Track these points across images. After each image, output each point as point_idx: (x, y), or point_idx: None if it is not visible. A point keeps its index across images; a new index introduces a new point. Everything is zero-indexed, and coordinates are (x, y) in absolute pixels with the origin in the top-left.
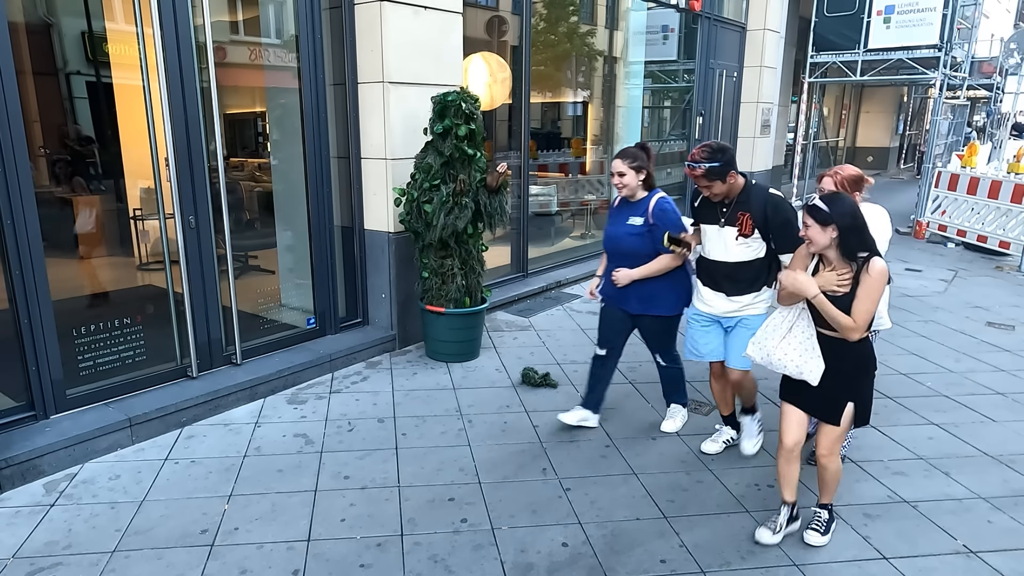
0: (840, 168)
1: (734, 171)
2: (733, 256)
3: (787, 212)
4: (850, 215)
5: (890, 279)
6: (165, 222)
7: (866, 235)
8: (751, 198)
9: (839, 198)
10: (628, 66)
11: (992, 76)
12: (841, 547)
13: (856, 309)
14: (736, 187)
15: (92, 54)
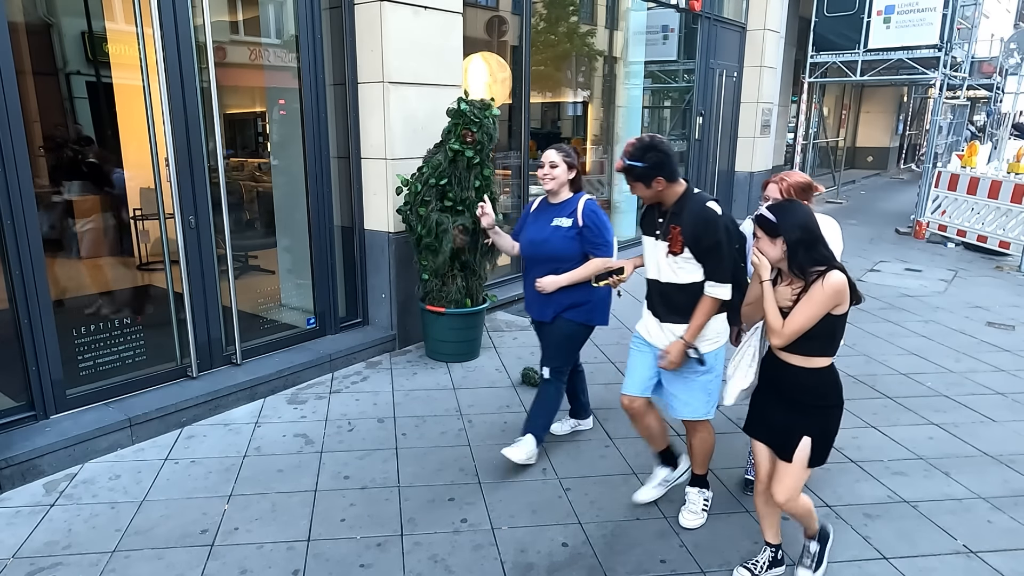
0: (786, 174)
1: (662, 178)
2: (665, 275)
3: (718, 233)
4: (800, 227)
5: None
6: (165, 222)
7: (819, 248)
8: (685, 210)
9: (790, 207)
10: (628, 66)
11: (992, 76)
12: (841, 547)
13: (790, 317)
14: (671, 195)
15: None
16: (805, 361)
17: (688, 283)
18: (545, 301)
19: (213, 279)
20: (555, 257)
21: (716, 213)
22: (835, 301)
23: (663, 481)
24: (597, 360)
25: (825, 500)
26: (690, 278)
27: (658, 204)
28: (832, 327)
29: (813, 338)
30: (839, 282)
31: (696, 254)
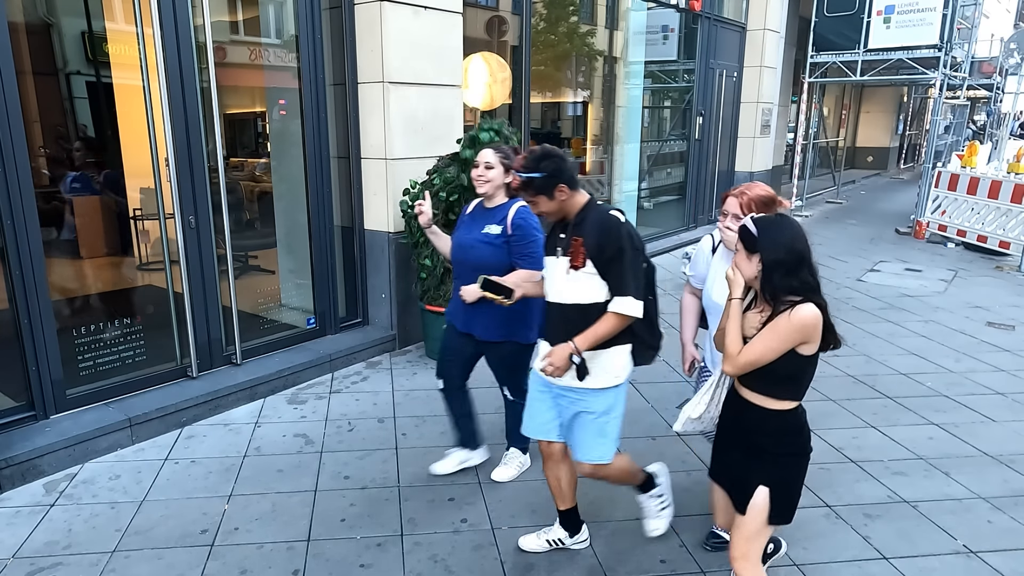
0: (748, 187)
1: (564, 185)
2: (565, 295)
3: (620, 240)
4: (783, 246)
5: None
6: (165, 222)
7: (800, 275)
8: (587, 220)
9: (778, 223)
10: (628, 66)
11: (992, 76)
12: (841, 547)
13: (747, 345)
14: (573, 205)
15: (92, 54)
16: (767, 401)
17: (592, 303)
18: (471, 312)
19: (213, 279)
20: (481, 265)
21: (618, 220)
22: (800, 337)
23: (556, 540)
24: None
25: (825, 500)
26: (594, 297)
27: (562, 221)
28: (796, 367)
29: (775, 376)
30: (809, 317)
31: (600, 266)
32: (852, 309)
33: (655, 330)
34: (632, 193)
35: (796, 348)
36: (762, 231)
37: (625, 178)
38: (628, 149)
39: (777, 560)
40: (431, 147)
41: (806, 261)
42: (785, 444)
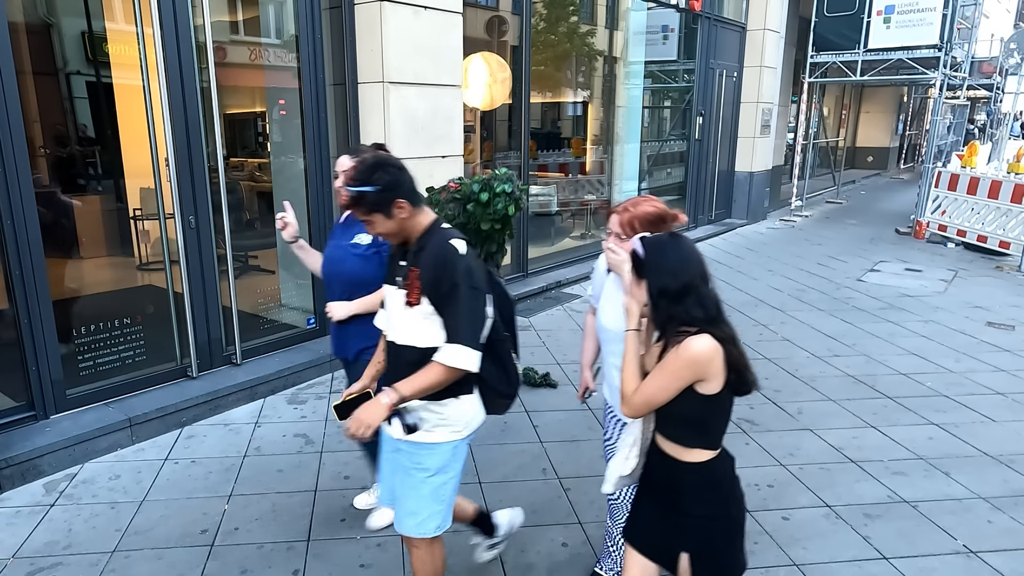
0: (632, 202)
1: (403, 200)
2: (401, 335)
3: (455, 275)
4: (668, 271)
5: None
6: (165, 222)
7: (688, 304)
8: (427, 247)
9: (665, 244)
10: (628, 66)
11: (992, 76)
12: (841, 547)
13: (642, 384)
14: (415, 226)
15: (92, 54)
16: (679, 451)
17: (431, 347)
18: (342, 333)
19: (213, 279)
20: (351, 279)
21: (456, 251)
22: (692, 374)
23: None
24: (597, 360)
25: (825, 500)
26: (433, 340)
27: (404, 245)
28: (699, 410)
29: (679, 420)
30: (699, 352)
31: (436, 304)
32: (852, 309)
33: (510, 376)
34: (632, 193)
35: (695, 387)
36: (649, 253)
37: (625, 178)
38: (628, 149)
39: (777, 560)
40: (431, 147)
41: (694, 288)
42: (701, 503)
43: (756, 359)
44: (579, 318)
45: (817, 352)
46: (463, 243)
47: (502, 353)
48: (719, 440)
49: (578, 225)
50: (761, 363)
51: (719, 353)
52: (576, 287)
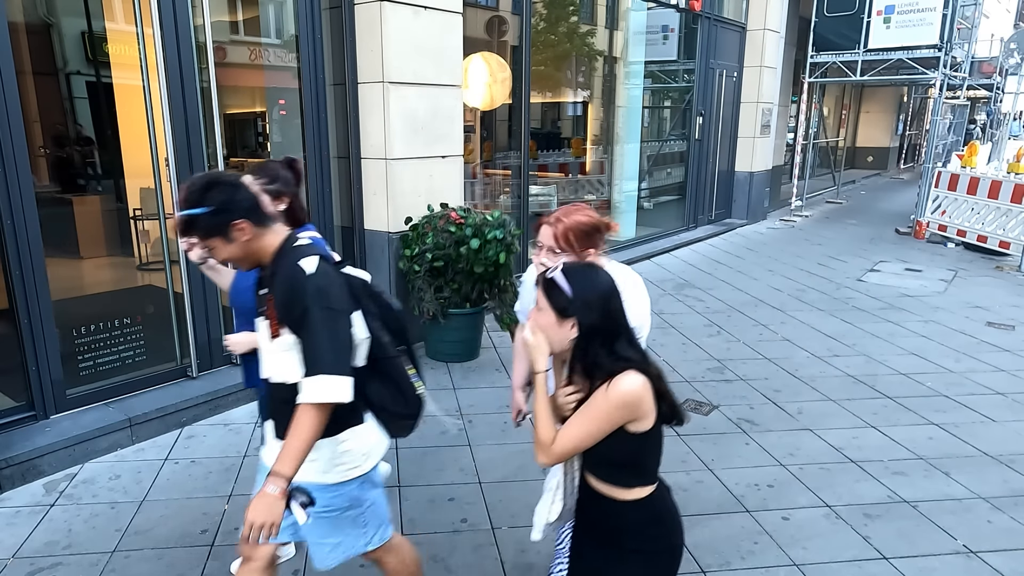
0: (565, 211)
1: (243, 221)
2: (272, 370)
3: (304, 298)
4: (599, 308)
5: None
6: (165, 222)
7: (619, 341)
8: (278, 271)
9: (591, 276)
10: (628, 66)
11: (992, 76)
12: (841, 547)
13: (562, 431)
14: (264, 248)
15: (92, 54)
16: (616, 492)
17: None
18: (250, 365)
19: None
20: (252, 311)
21: (303, 272)
22: (624, 416)
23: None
24: None
25: (825, 500)
26: (298, 376)
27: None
28: (634, 450)
29: (612, 461)
30: (631, 391)
31: (294, 333)
32: (852, 309)
33: (407, 395)
34: (632, 193)
35: (625, 427)
36: (577, 287)
37: (625, 178)
38: (628, 149)
39: (777, 560)
40: (431, 147)
41: (626, 326)
42: (647, 539)
43: (756, 359)
44: None
45: (817, 352)
46: (313, 260)
47: (393, 372)
48: (656, 474)
49: None
50: (761, 363)
51: (649, 389)
52: None
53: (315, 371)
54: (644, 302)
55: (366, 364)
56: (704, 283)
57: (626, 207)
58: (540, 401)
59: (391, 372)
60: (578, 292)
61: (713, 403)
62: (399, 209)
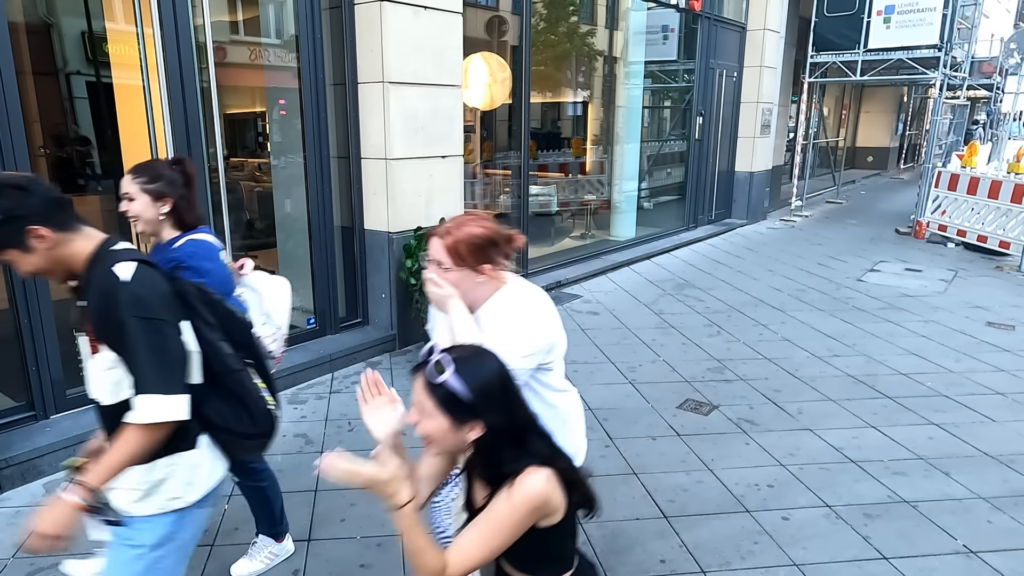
0: (458, 222)
1: (39, 228)
2: (94, 389)
3: (118, 310)
4: (503, 402)
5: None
6: None
7: (527, 435)
8: (91, 279)
9: (484, 362)
10: (628, 66)
11: (992, 76)
12: (841, 547)
13: (457, 548)
14: (74, 256)
15: (92, 54)
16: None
17: (120, 401)
18: None
19: None
20: None
21: (119, 279)
22: (533, 518)
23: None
24: (597, 360)
25: (825, 500)
26: (125, 394)
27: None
28: (549, 544)
29: (525, 557)
30: (537, 494)
31: (113, 349)
32: (852, 309)
33: (254, 412)
34: (632, 193)
35: (536, 524)
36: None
37: (625, 178)
38: (628, 149)
39: (777, 560)
40: (431, 147)
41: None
42: None
43: (756, 359)
44: (579, 318)
45: (817, 352)
46: (130, 265)
47: (237, 387)
48: (572, 558)
49: (578, 225)
50: (761, 363)
51: (556, 483)
52: (576, 287)
53: (142, 390)
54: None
55: (204, 380)
56: (704, 283)
57: (626, 207)
58: (414, 538)
59: (234, 388)
60: (476, 389)
61: (713, 403)
62: (399, 209)
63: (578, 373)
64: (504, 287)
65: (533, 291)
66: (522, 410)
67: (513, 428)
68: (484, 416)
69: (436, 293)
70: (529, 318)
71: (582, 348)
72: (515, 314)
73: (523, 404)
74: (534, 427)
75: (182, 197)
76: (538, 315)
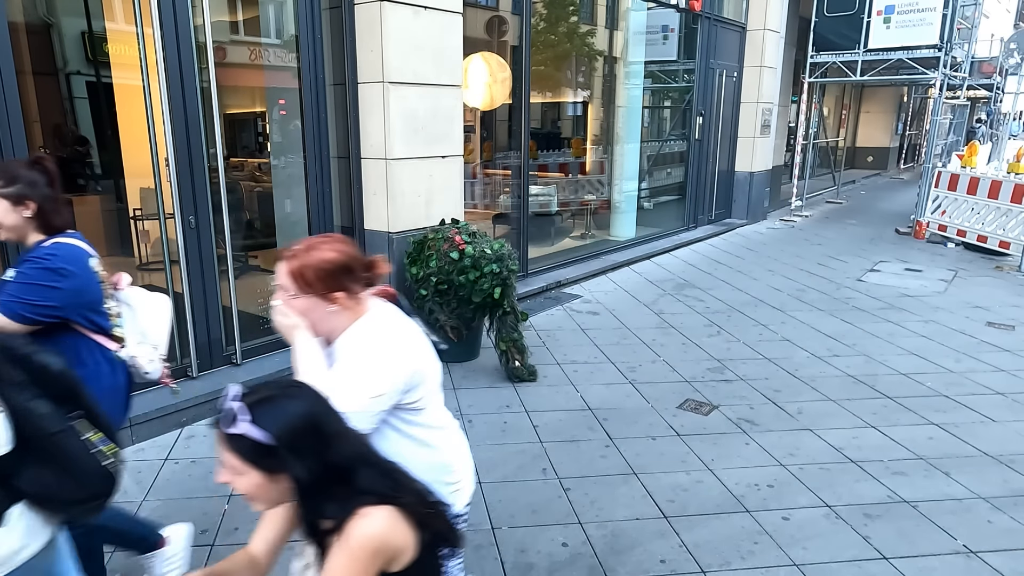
0: (309, 246)
1: None
2: None
3: None
4: (314, 444)
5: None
6: (165, 222)
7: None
8: None
9: (284, 401)
10: (628, 66)
11: (992, 76)
12: (841, 547)
13: None
14: None
15: (92, 54)
16: None
17: None
18: None
19: (213, 279)
20: None
21: None
22: (377, 564)
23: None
24: (597, 360)
25: (825, 500)
26: None
27: None
28: None
29: None
30: (373, 538)
31: None
32: (852, 309)
33: (79, 475)
34: (632, 193)
35: (386, 571)
36: (277, 436)
37: (625, 178)
38: (628, 149)
39: (777, 560)
40: (431, 147)
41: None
42: None
43: (756, 359)
44: (579, 318)
45: (817, 352)
46: None
47: (56, 451)
48: None
49: (578, 225)
50: (761, 363)
51: (396, 521)
52: (576, 287)
53: None
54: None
55: (15, 446)
56: (704, 283)
57: (626, 207)
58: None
59: (53, 451)
60: (279, 434)
61: (713, 403)
62: (399, 209)
63: (578, 373)
64: (363, 318)
65: (395, 323)
66: (347, 446)
67: (334, 469)
68: (295, 462)
69: (281, 323)
70: (382, 355)
71: (582, 348)
72: (367, 350)
73: (348, 440)
74: (368, 462)
75: (46, 198)
76: (394, 351)
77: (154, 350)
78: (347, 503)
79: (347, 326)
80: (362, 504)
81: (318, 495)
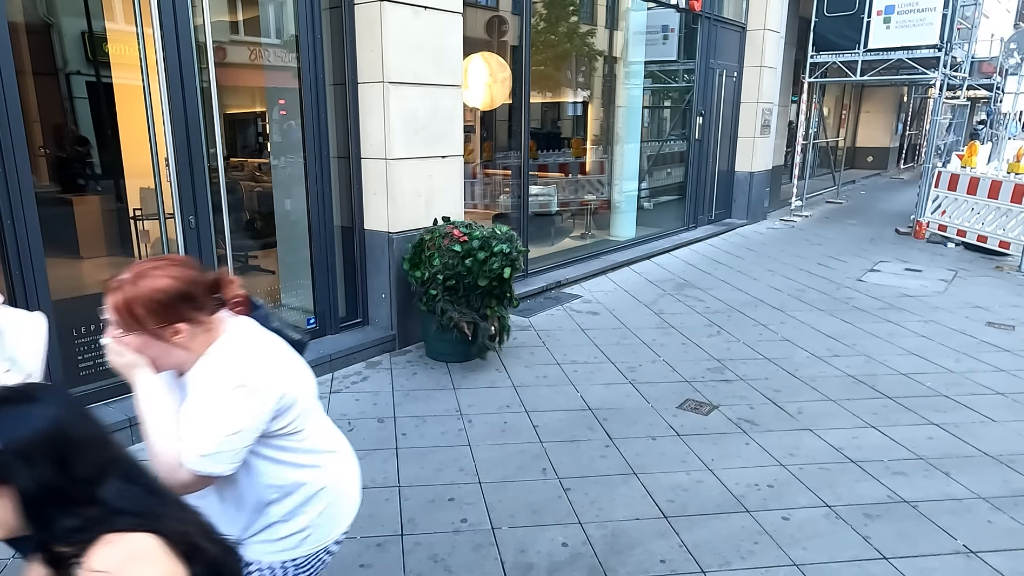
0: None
1: None
2: None
3: None
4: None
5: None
6: (165, 222)
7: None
8: None
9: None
10: (628, 66)
11: (992, 76)
12: (841, 547)
13: None
14: None
15: (92, 54)
16: None
17: None
18: None
19: None
20: None
21: None
22: None
23: None
24: (597, 360)
25: (825, 500)
26: None
27: None
28: None
29: None
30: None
31: None
32: (852, 309)
33: None
34: (632, 193)
35: None
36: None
37: (625, 178)
38: (628, 149)
39: (777, 560)
40: (431, 147)
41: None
42: None
43: (756, 359)
44: (579, 318)
45: (817, 352)
46: None
47: None
48: None
49: (578, 225)
50: (761, 363)
51: (152, 546)
52: (576, 287)
53: None
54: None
55: None
56: (704, 283)
57: (626, 207)
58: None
59: None
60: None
61: (713, 403)
62: (399, 209)
63: (578, 373)
64: (216, 343)
65: (254, 344)
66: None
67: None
68: (18, 478)
69: (115, 362)
70: (239, 385)
71: (582, 348)
72: (221, 381)
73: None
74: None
75: None
76: (254, 378)
77: (27, 378)
78: (92, 525)
79: (199, 354)
80: (112, 528)
81: (50, 512)
